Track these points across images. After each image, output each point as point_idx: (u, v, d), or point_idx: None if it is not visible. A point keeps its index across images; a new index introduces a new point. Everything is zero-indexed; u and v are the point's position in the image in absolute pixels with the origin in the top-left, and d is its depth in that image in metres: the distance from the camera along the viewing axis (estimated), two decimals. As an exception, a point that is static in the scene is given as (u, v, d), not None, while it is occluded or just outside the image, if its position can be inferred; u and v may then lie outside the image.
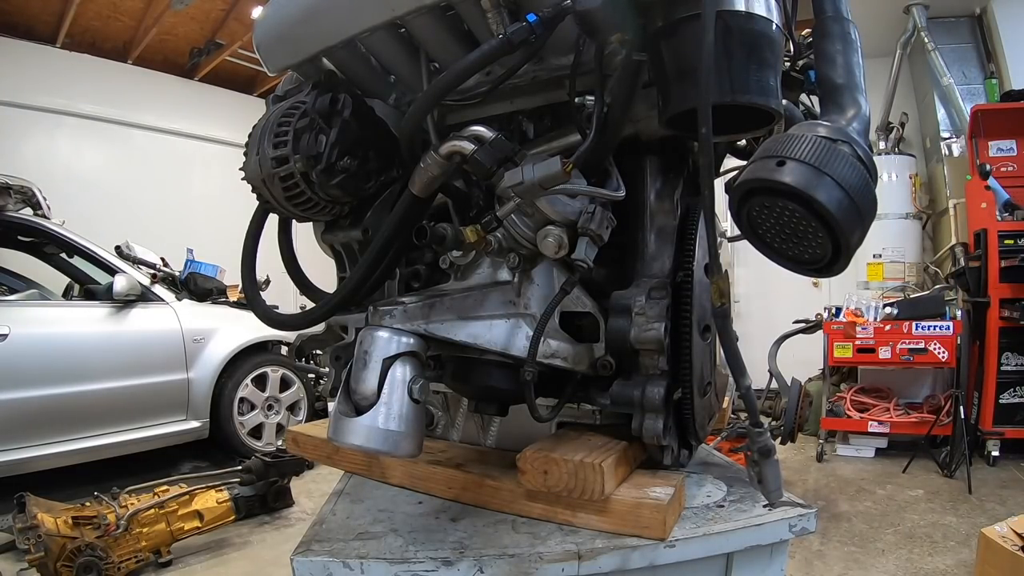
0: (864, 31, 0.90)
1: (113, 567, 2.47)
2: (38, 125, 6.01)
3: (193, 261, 4.98)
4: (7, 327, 3.30)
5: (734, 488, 0.97)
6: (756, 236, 0.80)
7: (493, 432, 1.14)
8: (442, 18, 0.94)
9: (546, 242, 0.85)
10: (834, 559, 2.67)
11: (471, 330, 0.88)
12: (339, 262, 1.23)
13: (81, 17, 5.94)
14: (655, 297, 0.89)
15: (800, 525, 0.86)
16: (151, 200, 6.59)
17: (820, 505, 3.32)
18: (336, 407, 0.81)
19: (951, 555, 2.66)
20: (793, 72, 1.10)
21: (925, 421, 4.01)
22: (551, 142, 1.00)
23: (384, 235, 0.99)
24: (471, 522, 0.91)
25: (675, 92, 0.79)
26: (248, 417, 4.20)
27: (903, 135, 5.41)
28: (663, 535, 0.80)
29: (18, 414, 3.28)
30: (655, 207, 0.98)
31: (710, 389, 0.99)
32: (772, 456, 0.80)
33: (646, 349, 0.87)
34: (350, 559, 0.80)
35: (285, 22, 1.02)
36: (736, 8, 0.76)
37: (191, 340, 3.97)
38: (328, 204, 1.01)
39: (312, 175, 0.96)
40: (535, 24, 0.80)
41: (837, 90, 0.85)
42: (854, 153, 0.74)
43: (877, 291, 4.90)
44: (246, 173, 1.02)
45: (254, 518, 3.23)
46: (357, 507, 0.99)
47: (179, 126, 7.06)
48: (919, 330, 4.04)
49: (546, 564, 0.79)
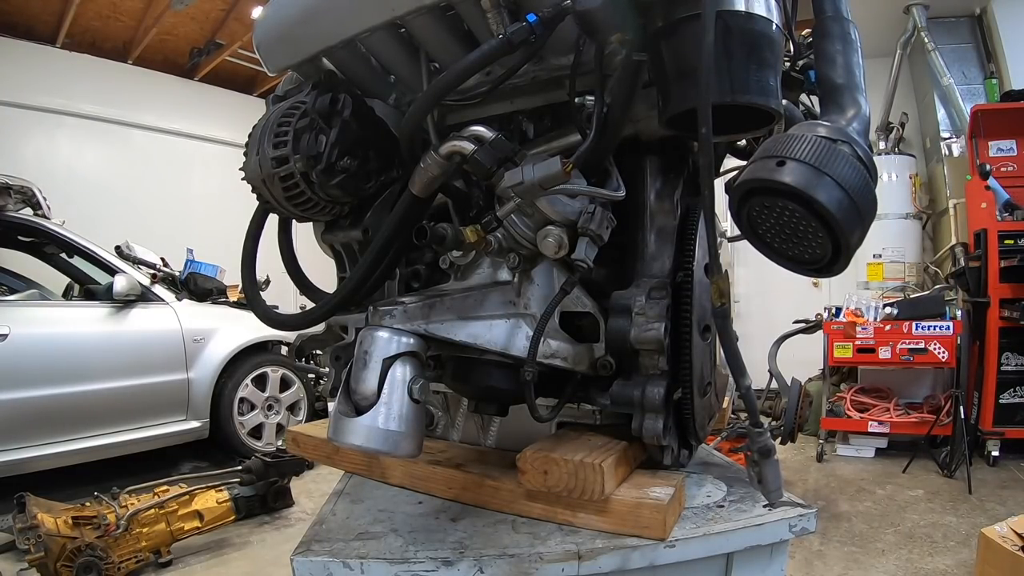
0: (864, 31, 0.90)
1: (113, 567, 2.47)
2: (38, 125, 6.01)
3: (193, 261, 4.98)
4: (7, 327, 3.29)
5: (734, 488, 0.97)
6: (756, 236, 0.80)
7: (493, 432, 1.14)
8: (442, 18, 0.93)
9: (546, 242, 0.85)
10: (834, 559, 2.67)
11: (471, 330, 0.88)
12: (339, 262, 1.23)
13: (81, 17, 5.94)
14: (655, 297, 0.89)
15: (800, 525, 0.86)
16: (151, 200, 6.58)
17: (820, 505, 3.32)
18: (336, 407, 0.81)
19: (951, 555, 2.66)
20: (793, 72, 1.10)
21: (925, 421, 4.01)
22: (551, 142, 1.00)
23: (384, 235, 0.99)
24: (471, 522, 0.91)
25: (675, 92, 0.79)
26: (248, 417, 4.20)
27: (903, 135, 5.41)
28: (663, 535, 0.80)
29: (18, 414, 3.28)
30: (655, 207, 0.98)
31: (710, 389, 0.99)
32: (772, 456, 0.80)
33: (646, 349, 0.87)
34: (350, 559, 0.80)
35: (285, 22, 1.02)
36: (736, 8, 0.76)
37: (191, 340, 3.97)
38: (328, 204, 1.01)
39: (312, 175, 0.96)
40: (535, 24, 0.80)
41: (837, 90, 0.85)
42: (854, 153, 0.74)
43: (877, 291, 4.90)
44: (246, 173, 1.02)
45: (254, 518, 3.22)
46: (357, 507, 0.99)
47: (179, 126, 7.06)
48: (919, 330, 4.04)
49: (546, 564, 0.79)
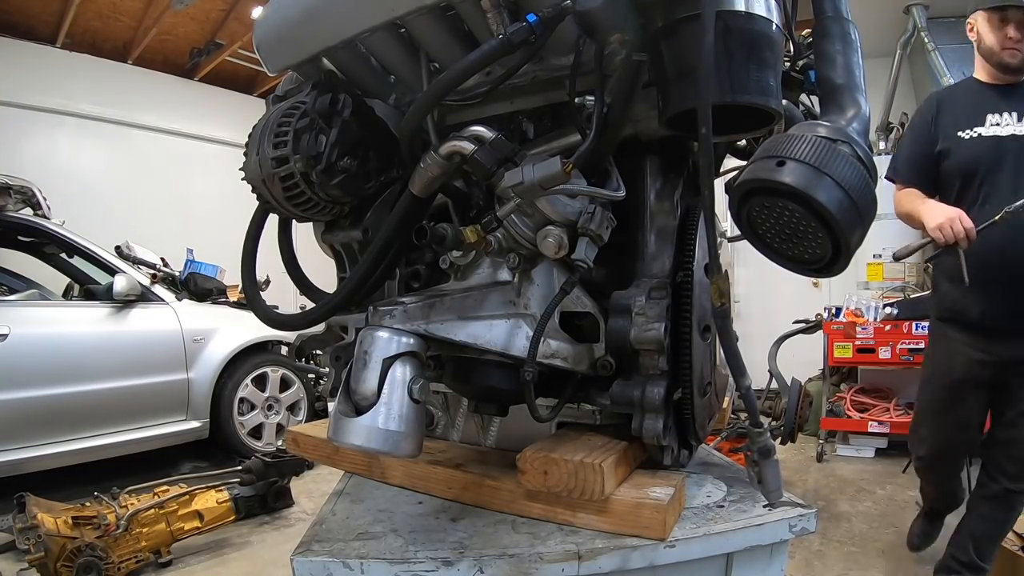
0: (864, 31, 0.90)
1: (113, 567, 2.46)
2: (38, 125, 6.00)
3: (193, 261, 4.98)
4: (7, 327, 3.29)
5: (734, 488, 0.97)
6: (756, 236, 0.81)
7: (493, 432, 1.14)
8: (442, 18, 0.93)
9: (546, 242, 0.85)
10: (834, 559, 2.67)
11: (471, 330, 0.88)
12: (339, 262, 1.23)
13: (81, 17, 5.94)
14: (655, 297, 0.89)
15: (800, 525, 0.86)
16: (151, 200, 6.58)
17: (820, 505, 3.32)
18: (336, 407, 0.81)
19: (951, 555, 2.65)
20: (793, 72, 1.10)
21: (925, 421, 4.01)
22: (551, 142, 1.00)
23: (384, 235, 0.99)
24: (471, 522, 0.91)
25: (675, 92, 0.79)
26: (248, 417, 4.19)
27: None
28: (663, 535, 0.80)
29: (18, 414, 3.27)
30: (655, 207, 0.98)
31: (710, 389, 0.99)
32: (772, 456, 0.80)
33: (646, 349, 0.87)
34: (350, 559, 0.80)
35: (285, 22, 1.02)
36: (736, 8, 0.76)
37: (191, 340, 3.96)
38: (328, 204, 1.01)
39: (312, 175, 0.96)
40: (535, 24, 0.80)
41: (837, 90, 0.85)
42: (854, 153, 0.74)
43: (877, 291, 4.90)
44: (246, 173, 1.02)
45: (254, 518, 3.22)
46: (357, 507, 0.99)
47: (179, 126, 7.06)
48: (919, 330, 4.04)
49: (546, 564, 0.79)
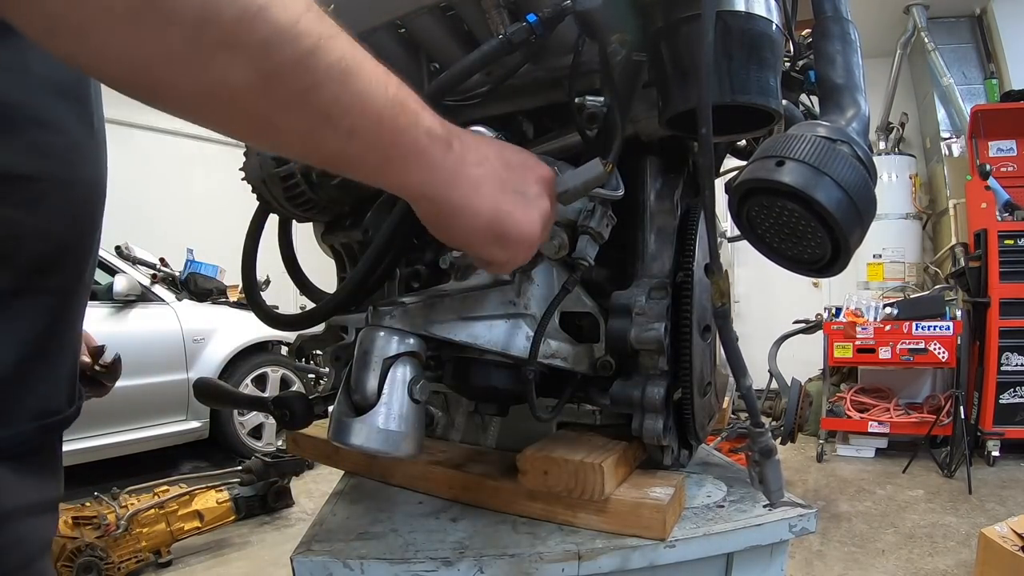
0: (864, 31, 0.90)
1: (113, 567, 2.47)
2: (38, 125, 6.01)
3: (193, 261, 4.98)
4: (7, 327, 3.29)
5: (734, 488, 0.97)
6: (756, 236, 0.80)
7: (493, 432, 1.14)
8: (442, 18, 0.93)
9: (547, 243, 0.85)
10: (834, 559, 2.67)
11: (471, 330, 0.88)
12: (339, 262, 1.23)
13: (81, 17, 5.94)
14: (655, 297, 0.89)
15: (800, 525, 0.86)
16: (151, 200, 6.58)
17: (820, 505, 3.32)
18: (336, 407, 0.81)
19: (951, 555, 2.66)
20: (793, 72, 1.10)
21: (925, 421, 4.01)
22: (551, 142, 1.00)
23: (384, 235, 0.99)
24: (471, 522, 0.91)
25: (675, 92, 0.79)
26: (248, 417, 4.20)
27: (903, 135, 5.42)
28: (663, 535, 0.80)
29: (18, 414, 3.28)
30: (655, 207, 0.98)
31: (710, 389, 0.99)
32: (773, 456, 0.80)
33: (646, 349, 0.87)
34: (350, 559, 0.80)
35: (285, 22, 1.02)
36: (736, 8, 0.76)
37: (191, 340, 3.97)
38: (328, 204, 1.01)
39: (312, 175, 0.96)
40: (535, 24, 0.80)
41: (837, 90, 0.85)
42: (854, 153, 0.74)
43: (877, 291, 4.91)
44: (246, 173, 1.02)
45: (254, 518, 3.23)
46: (357, 507, 0.99)
47: (179, 126, 7.04)
48: (919, 330, 4.05)
49: (546, 564, 0.79)
